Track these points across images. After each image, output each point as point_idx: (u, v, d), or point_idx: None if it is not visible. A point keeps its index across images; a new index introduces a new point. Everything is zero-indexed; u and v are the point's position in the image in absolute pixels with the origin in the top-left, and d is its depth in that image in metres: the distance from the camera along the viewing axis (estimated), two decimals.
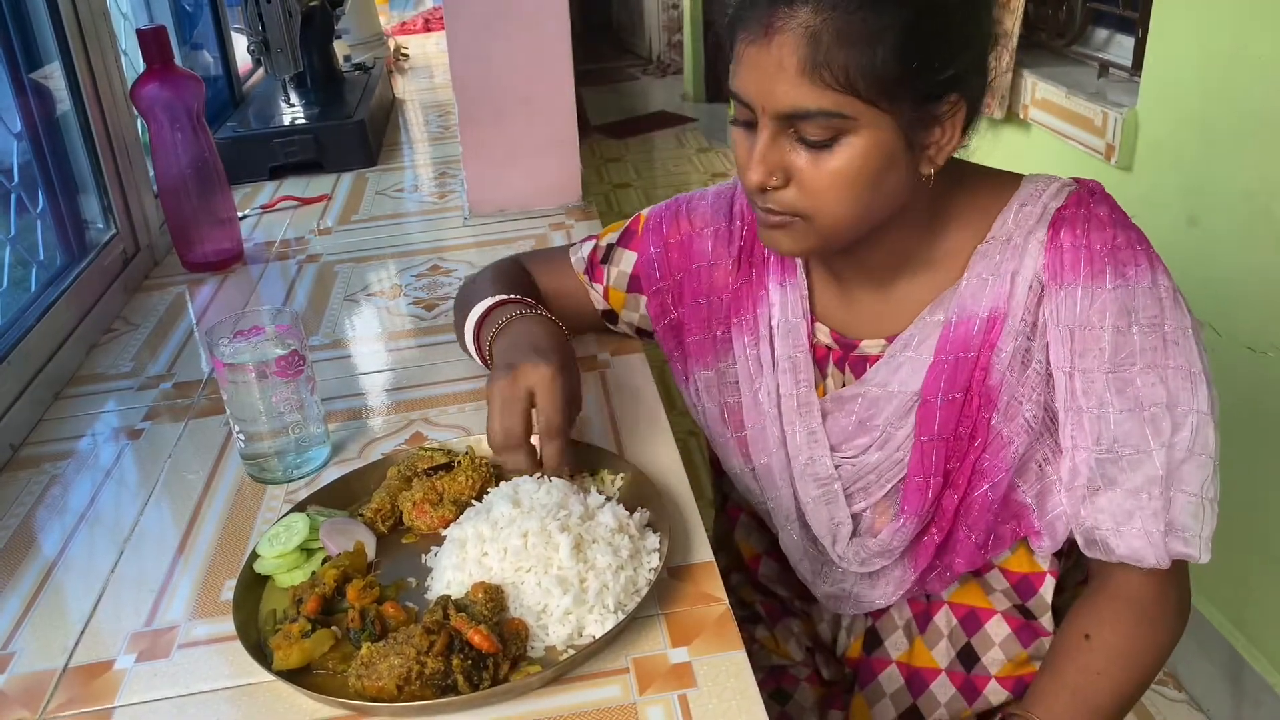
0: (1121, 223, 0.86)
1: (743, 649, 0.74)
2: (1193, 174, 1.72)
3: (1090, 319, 0.84)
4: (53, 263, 1.39)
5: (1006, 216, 0.89)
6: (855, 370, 0.95)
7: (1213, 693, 1.80)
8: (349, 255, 1.54)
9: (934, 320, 0.90)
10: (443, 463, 0.92)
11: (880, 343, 0.93)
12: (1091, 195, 0.88)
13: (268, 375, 0.94)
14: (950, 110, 0.81)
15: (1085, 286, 0.84)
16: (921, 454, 0.90)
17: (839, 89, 0.77)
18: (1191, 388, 0.84)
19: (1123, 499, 0.85)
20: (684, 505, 0.90)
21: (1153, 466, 0.84)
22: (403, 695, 0.69)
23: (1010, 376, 0.87)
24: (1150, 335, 0.84)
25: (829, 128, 0.79)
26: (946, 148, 0.83)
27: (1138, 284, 0.84)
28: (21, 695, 0.75)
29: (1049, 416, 0.88)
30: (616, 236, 1.10)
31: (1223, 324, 1.67)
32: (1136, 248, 0.85)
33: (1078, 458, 0.86)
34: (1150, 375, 0.84)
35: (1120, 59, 2.04)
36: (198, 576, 0.86)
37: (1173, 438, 0.83)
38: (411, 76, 2.73)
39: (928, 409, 0.89)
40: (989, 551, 0.92)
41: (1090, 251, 0.85)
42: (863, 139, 0.79)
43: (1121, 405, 0.84)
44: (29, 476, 1.03)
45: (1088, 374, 0.85)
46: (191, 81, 1.44)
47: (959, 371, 0.88)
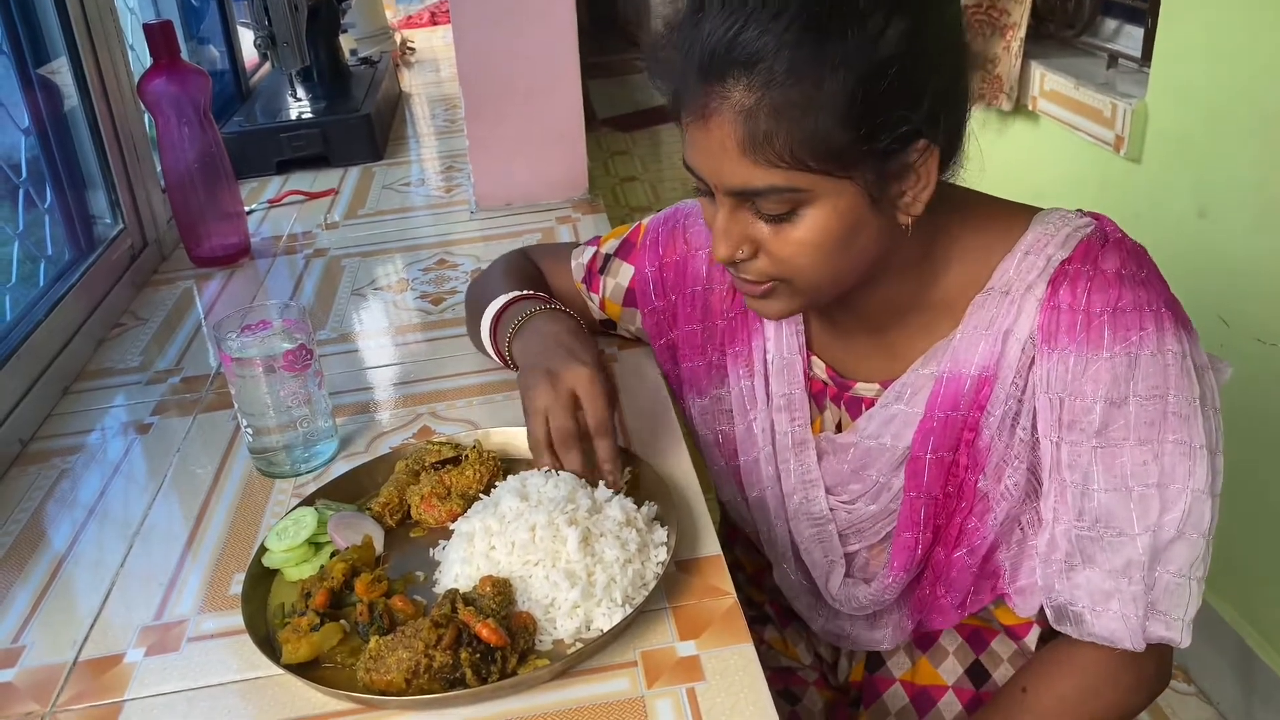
0: (1132, 278, 0.79)
1: (750, 642, 0.74)
2: (1202, 165, 1.71)
3: (1081, 388, 0.79)
4: (61, 258, 1.39)
5: (1008, 265, 0.83)
6: (851, 410, 0.92)
7: (1223, 686, 1.79)
8: (356, 249, 1.54)
9: (927, 373, 0.86)
10: (450, 456, 0.92)
11: (875, 387, 0.90)
12: (1103, 245, 0.81)
13: (275, 370, 0.94)
14: (919, 157, 0.75)
15: (1079, 353, 0.79)
16: (910, 509, 0.88)
17: (785, 165, 0.73)
18: (1190, 464, 0.78)
19: (1102, 579, 0.81)
20: (692, 499, 0.89)
21: (1135, 550, 0.79)
22: (411, 688, 0.69)
23: (998, 441, 0.83)
24: (1149, 407, 0.78)
25: (784, 201, 0.75)
26: (923, 195, 0.78)
27: (1140, 351, 0.78)
28: (32, 689, 0.76)
29: (1035, 481, 0.84)
30: (615, 246, 1.07)
31: (1232, 315, 1.66)
32: (1145, 309, 0.78)
33: (1057, 530, 0.82)
34: (1143, 451, 0.78)
35: (1130, 50, 2.03)
36: (206, 570, 0.87)
37: (1161, 518, 0.78)
38: (418, 70, 2.72)
39: (917, 465, 0.87)
40: (966, 610, 0.90)
41: (1088, 315, 0.79)
42: (823, 208, 0.75)
43: (1107, 483, 0.79)
44: (38, 471, 1.03)
45: (1075, 446, 0.80)
46: (198, 76, 1.44)
47: (948, 430, 0.85)
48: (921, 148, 0.75)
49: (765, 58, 0.71)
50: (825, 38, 0.70)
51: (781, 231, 0.77)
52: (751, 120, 0.72)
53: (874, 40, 0.70)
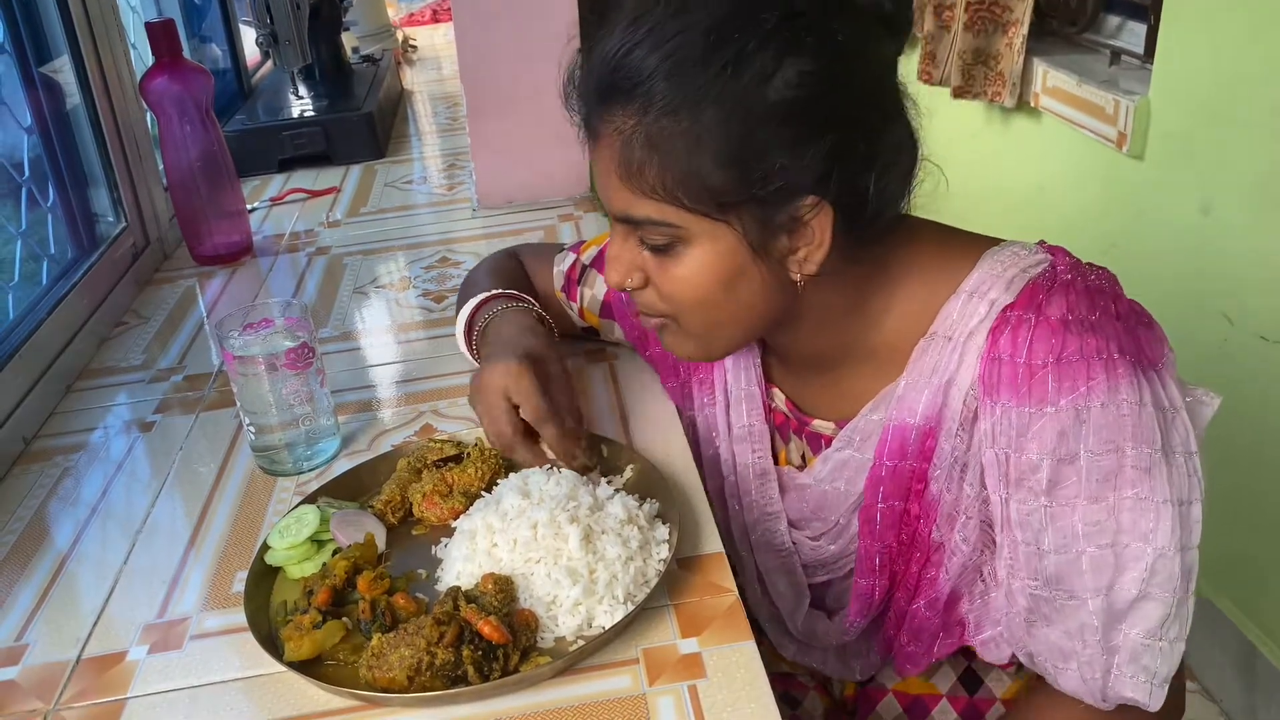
0: (1080, 324, 0.73)
1: (752, 640, 0.74)
2: (1205, 162, 1.71)
3: (1027, 445, 0.73)
4: (63, 256, 1.39)
5: (952, 308, 0.77)
6: (812, 445, 0.90)
7: (1225, 683, 1.79)
8: (358, 247, 1.54)
9: (875, 419, 0.82)
10: (452, 454, 0.92)
11: (830, 425, 0.87)
12: (1050, 288, 0.75)
13: (278, 368, 0.94)
14: (810, 213, 0.72)
15: (1022, 408, 0.73)
16: (866, 555, 0.86)
17: (658, 198, 0.71)
18: (1152, 521, 0.72)
19: (1060, 638, 0.77)
20: (693, 496, 0.89)
21: (1087, 614, 0.74)
22: (413, 686, 0.70)
23: (947, 494, 0.80)
24: (1102, 462, 0.72)
25: (662, 234, 0.74)
26: (816, 254, 0.74)
27: (1089, 403, 0.71)
28: (35, 686, 0.76)
29: (991, 533, 0.80)
30: (593, 255, 1.05)
31: (1235, 312, 1.66)
32: (1093, 359, 0.72)
33: (1014, 586, 0.79)
34: (1096, 509, 0.72)
35: (1132, 46, 2.02)
36: (209, 568, 0.87)
37: (1117, 579, 0.73)
38: (420, 68, 2.72)
39: (869, 512, 0.84)
40: (935, 656, 0.89)
41: (1030, 367, 0.73)
42: (701, 248, 0.73)
43: (1058, 544, 0.74)
44: (41, 469, 1.04)
45: (1023, 504, 0.75)
46: (200, 75, 1.44)
47: (897, 479, 0.82)
48: (811, 204, 0.71)
49: (645, 84, 0.70)
50: (707, 72, 0.68)
51: (664, 266, 0.76)
52: (629, 148, 0.71)
53: (760, 82, 0.68)
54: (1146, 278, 1.89)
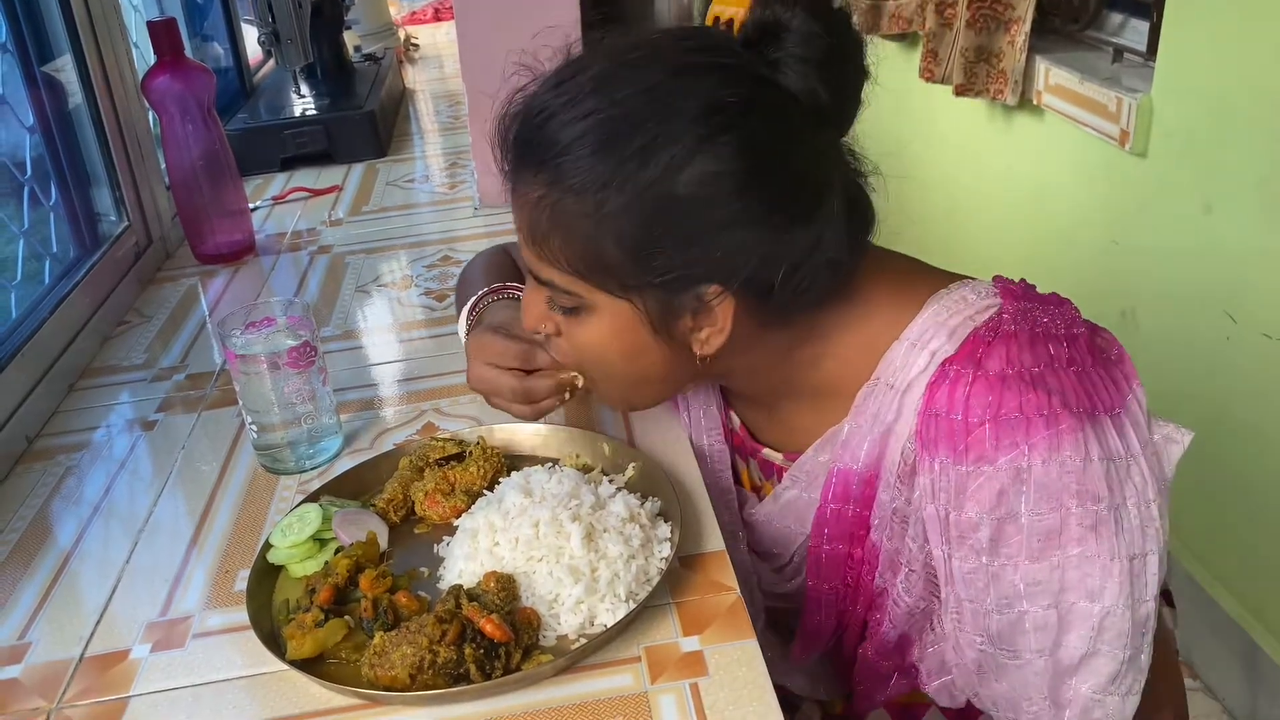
0: (1018, 379, 0.70)
1: (754, 638, 0.74)
2: (1208, 160, 1.71)
3: (965, 504, 0.71)
4: (66, 255, 1.40)
5: (894, 355, 0.75)
6: (764, 471, 0.90)
7: (1228, 681, 1.79)
8: (360, 246, 1.54)
9: (821, 460, 0.82)
10: (454, 453, 0.92)
11: (779, 455, 0.87)
12: (992, 339, 0.72)
13: (280, 366, 0.94)
14: (715, 299, 0.71)
15: (958, 465, 0.71)
16: (814, 594, 0.86)
17: (560, 268, 0.72)
18: (1100, 580, 0.70)
19: (1008, 691, 0.77)
20: (695, 494, 0.89)
21: (1032, 673, 0.74)
22: (415, 684, 0.70)
23: (887, 543, 0.79)
24: (1043, 520, 0.70)
25: (567, 300, 0.74)
26: (718, 337, 0.73)
27: (1030, 461, 0.69)
28: (38, 685, 0.76)
29: (936, 584, 0.79)
30: None
31: (1238, 311, 1.65)
32: (1034, 415, 0.69)
33: (962, 640, 0.78)
34: (1038, 569, 0.71)
35: (1135, 44, 2.02)
36: (211, 567, 0.87)
37: (1061, 637, 0.72)
38: (421, 67, 2.72)
39: (815, 554, 0.84)
40: (889, 696, 0.88)
41: (967, 424, 0.70)
42: (602, 320, 0.74)
43: (999, 604, 0.73)
44: (44, 468, 1.04)
45: (964, 562, 0.73)
46: (202, 73, 1.44)
47: (841, 523, 0.81)
48: (714, 292, 0.71)
49: (555, 158, 0.70)
50: (615, 156, 0.68)
51: (569, 327, 0.77)
52: (537, 215, 0.72)
53: (667, 175, 0.67)
54: (1149, 276, 1.89)
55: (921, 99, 2.54)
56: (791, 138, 0.70)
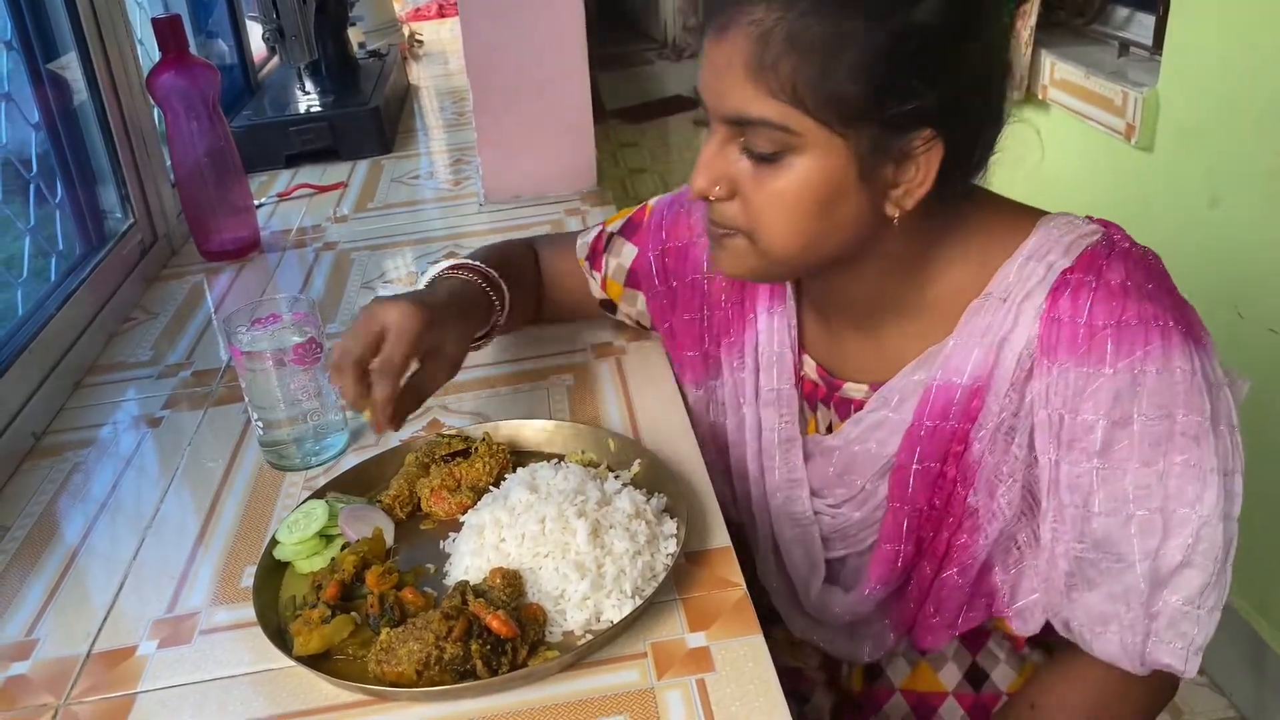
0: (1138, 291, 0.74)
1: (760, 634, 0.74)
2: (1214, 154, 1.70)
3: (1083, 405, 0.74)
4: (71, 252, 1.40)
5: (1009, 270, 0.78)
6: (841, 412, 0.89)
7: (1235, 677, 1.79)
8: (365, 242, 1.54)
9: (917, 379, 0.82)
10: (460, 449, 0.93)
11: (864, 388, 0.87)
12: (1109, 255, 0.76)
13: (285, 363, 0.94)
14: (923, 147, 0.72)
15: (1080, 368, 0.74)
16: (893, 520, 0.85)
17: (784, 99, 0.70)
18: (1199, 488, 0.73)
19: (1100, 602, 0.78)
20: (701, 490, 0.89)
21: (1134, 577, 0.75)
22: (422, 680, 0.70)
23: (990, 456, 0.80)
24: (1154, 427, 0.73)
25: (773, 140, 0.72)
26: (917, 191, 0.74)
27: (1146, 367, 0.73)
28: (46, 681, 0.76)
29: (1031, 499, 0.81)
30: (620, 225, 1.05)
31: (1245, 305, 1.65)
32: (1151, 323, 0.73)
33: (1057, 549, 0.79)
34: (1147, 473, 0.74)
35: (1140, 38, 2.01)
36: (218, 563, 0.87)
37: (1164, 544, 0.74)
38: (426, 63, 2.72)
39: (901, 474, 0.84)
40: (958, 629, 0.88)
41: (1091, 328, 0.74)
42: (810, 160, 0.72)
43: (1108, 506, 0.75)
44: (51, 464, 1.04)
45: (1074, 466, 0.75)
46: (207, 70, 1.44)
47: (937, 440, 0.81)
48: (926, 137, 0.71)
49: None
50: None
51: (762, 177, 0.74)
52: (764, 42, 0.70)
53: (910, 1, 0.68)
54: None
55: None
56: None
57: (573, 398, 1.06)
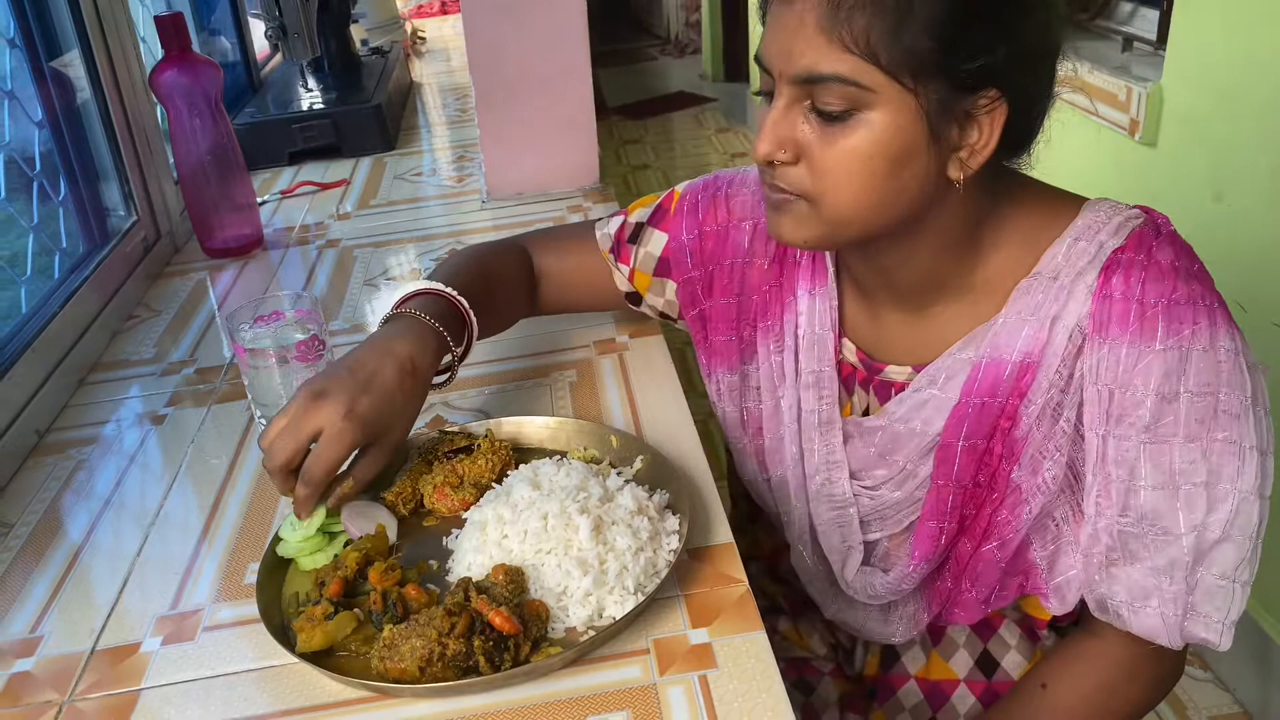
0: (1186, 272, 0.78)
1: (763, 630, 0.74)
2: (1219, 149, 1.70)
3: (1133, 381, 0.76)
4: (75, 250, 1.40)
5: (1057, 250, 0.80)
6: (880, 395, 0.90)
7: (1239, 672, 1.79)
8: (368, 240, 1.54)
9: (964, 357, 0.83)
10: (463, 446, 0.93)
11: (907, 370, 0.87)
12: (1156, 236, 0.79)
13: (288, 360, 0.94)
14: (988, 107, 0.73)
15: (1132, 344, 0.76)
16: (938, 498, 0.86)
17: (858, 54, 0.70)
18: (1239, 464, 0.76)
19: (1142, 576, 0.80)
20: (703, 487, 0.89)
21: (1179, 550, 0.78)
22: (425, 676, 0.70)
23: (1037, 431, 0.81)
24: (1199, 404, 0.76)
25: (845, 97, 0.72)
26: (982, 152, 0.75)
27: (1193, 346, 0.75)
28: (50, 678, 0.76)
29: (1073, 475, 0.82)
30: (648, 214, 1.03)
31: (1249, 300, 1.65)
32: (1199, 303, 0.76)
33: (1099, 524, 0.80)
34: (1192, 449, 0.76)
35: (1145, 33, 2.01)
36: (221, 560, 0.87)
37: (1207, 518, 0.77)
38: (429, 60, 2.72)
39: (947, 452, 0.84)
40: (990, 606, 0.89)
41: (1143, 305, 0.76)
42: (881, 116, 0.72)
43: (1155, 480, 0.77)
44: (55, 462, 1.04)
45: (1122, 440, 0.78)
46: (209, 68, 1.44)
47: (984, 417, 0.82)
48: (992, 97, 0.73)
49: None
50: None
51: (831, 137, 0.74)
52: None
53: None
54: None
55: None
56: None
57: (575, 394, 1.06)
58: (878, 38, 0.70)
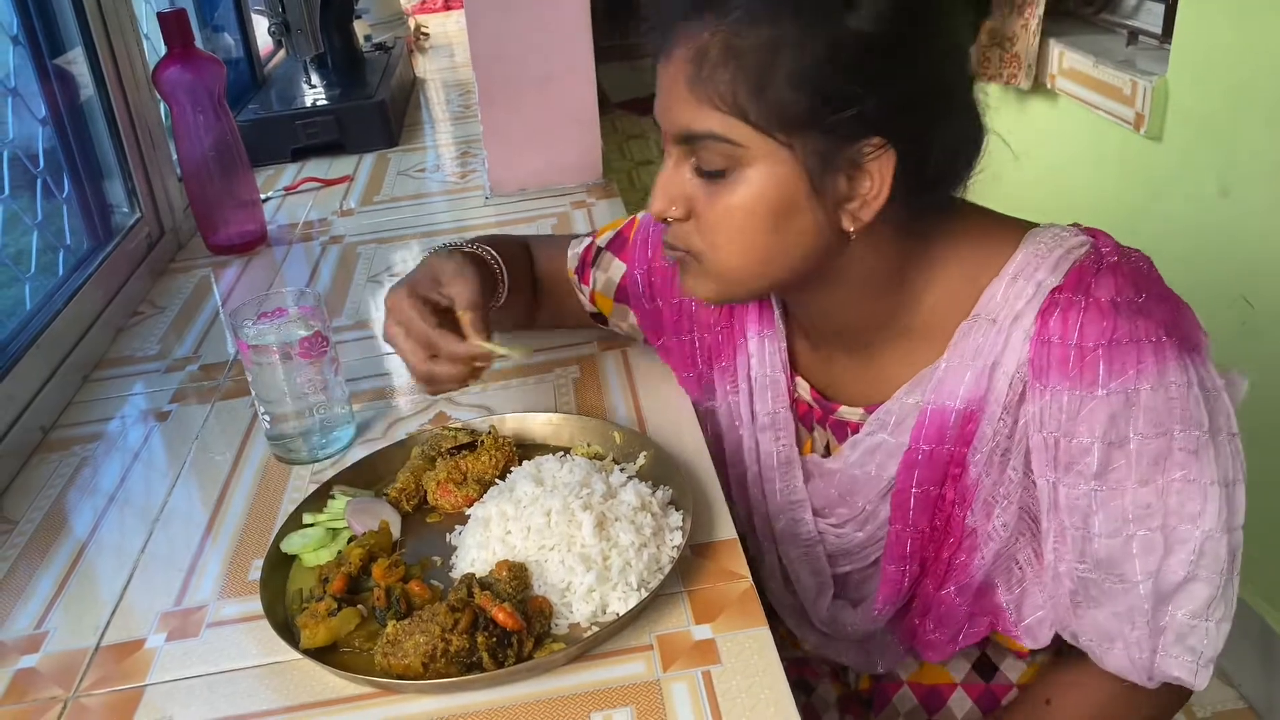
0: (1129, 306, 0.72)
1: (766, 626, 0.74)
2: (1224, 143, 1.69)
3: (1077, 429, 0.73)
4: (79, 247, 1.40)
5: (995, 290, 0.77)
6: (838, 433, 0.89)
7: (1245, 667, 1.78)
8: (371, 236, 1.54)
9: (911, 402, 0.81)
10: (466, 442, 0.93)
11: (859, 411, 0.86)
12: (1097, 270, 0.74)
13: (292, 357, 0.94)
14: (873, 155, 0.70)
15: (1073, 390, 0.72)
16: (896, 541, 0.85)
17: (726, 110, 0.70)
18: (1200, 503, 0.72)
19: (1106, 620, 0.77)
20: (707, 483, 0.89)
21: (1137, 596, 0.75)
22: (428, 673, 0.70)
23: (986, 478, 0.79)
24: (1151, 445, 0.72)
25: (721, 154, 0.72)
26: (874, 202, 0.72)
27: (1140, 386, 0.71)
28: (55, 674, 0.77)
29: (1030, 518, 0.80)
30: (609, 239, 1.04)
31: (1254, 295, 1.64)
32: (1143, 341, 0.71)
33: (1060, 569, 0.79)
34: (1146, 492, 0.73)
35: (1150, 26, 2.00)
36: (225, 556, 0.87)
37: (1165, 561, 0.73)
38: (432, 56, 2.72)
39: (901, 498, 0.83)
40: (960, 645, 0.88)
41: (1081, 349, 0.72)
42: (758, 172, 0.71)
43: (1107, 528, 0.74)
44: (60, 458, 1.04)
45: (1072, 488, 0.75)
46: (213, 64, 1.44)
47: (934, 464, 0.81)
48: (875, 145, 0.70)
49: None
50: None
51: (715, 194, 0.73)
52: (702, 56, 0.70)
53: (845, 6, 0.67)
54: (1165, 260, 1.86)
55: None
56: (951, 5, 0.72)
57: (578, 391, 1.06)
58: (744, 94, 0.69)
